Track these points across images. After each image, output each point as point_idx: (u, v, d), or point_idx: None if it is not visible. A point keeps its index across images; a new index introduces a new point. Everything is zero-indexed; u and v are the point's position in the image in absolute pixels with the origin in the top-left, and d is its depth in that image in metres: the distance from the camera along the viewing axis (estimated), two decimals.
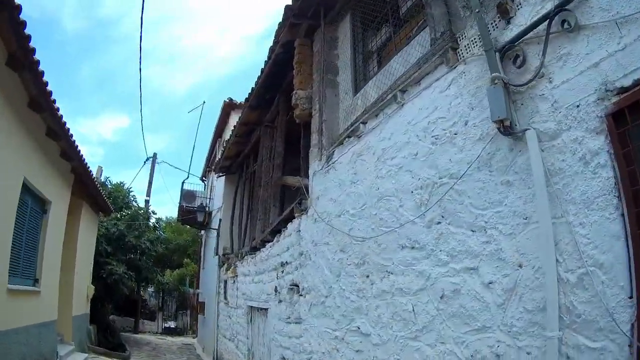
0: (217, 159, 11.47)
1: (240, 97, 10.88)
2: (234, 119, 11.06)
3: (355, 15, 3.94)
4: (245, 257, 7.86)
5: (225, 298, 9.29)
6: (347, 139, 3.27)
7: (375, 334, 2.55)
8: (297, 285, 4.29)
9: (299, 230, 4.29)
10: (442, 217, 2.15)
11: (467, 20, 2.22)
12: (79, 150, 6.54)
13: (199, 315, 14.43)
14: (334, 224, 3.22)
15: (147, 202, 17.66)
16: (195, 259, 20.50)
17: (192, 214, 13.16)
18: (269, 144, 7.63)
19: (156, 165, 18.91)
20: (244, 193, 9.52)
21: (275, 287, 5.20)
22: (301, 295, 4.08)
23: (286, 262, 4.72)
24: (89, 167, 7.50)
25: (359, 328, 2.71)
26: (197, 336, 15.45)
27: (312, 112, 4.38)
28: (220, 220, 11.02)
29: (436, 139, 2.27)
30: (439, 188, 2.21)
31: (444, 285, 2.12)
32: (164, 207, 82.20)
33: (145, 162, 18.29)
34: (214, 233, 11.36)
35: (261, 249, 6.54)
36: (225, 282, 9.46)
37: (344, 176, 3.42)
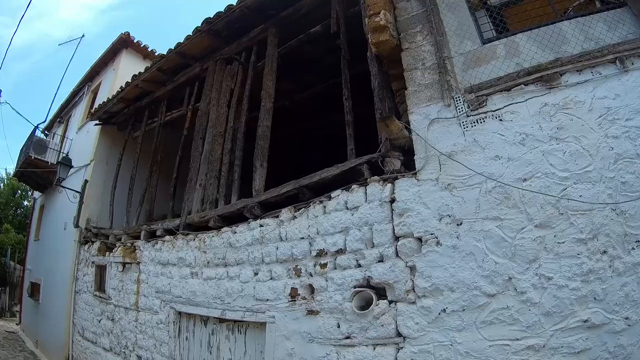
0: (94, 105, 7.85)
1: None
2: (125, 62, 8.15)
3: None
4: (165, 238, 4.76)
5: (102, 290, 6.00)
6: (519, 87, 2.45)
7: (620, 318, 1.98)
8: (373, 287, 2.63)
9: (393, 201, 2.68)
10: None
11: None
12: None
13: (27, 298, 9.73)
14: (511, 190, 2.26)
15: None
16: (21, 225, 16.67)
17: (39, 167, 8.43)
18: (229, 83, 4.87)
19: None
20: (139, 152, 6.41)
21: (311, 286, 2.98)
22: (392, 301, 2.52)
23: (341, 249, 2.87)
24: None
25: (585, 321, 2.02)
26: (20, 323, 11.24)
27: (403, 44, 3.02)
28: (85, 182, 7.20)
29: None
30: None
31: None
32: None
33: None
34: (64, 198, 7.32)
35: (222, 229, 3.95)
36: (102, 268, 6.13)
37: (528, 129, 2.35)
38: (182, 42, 5.46)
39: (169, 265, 4.79)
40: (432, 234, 2.53)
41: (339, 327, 2.82)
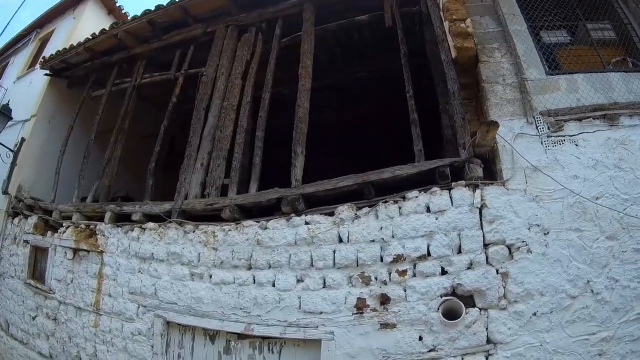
0: (41, 55, 6.46)
1: None
2: (90, 13, 6.84)
3: None
4: (148, 225, 3.73)
5: (39, 280, 4.55)
6: (588, 119, 2.75)
7: None
8: (458, 295, 2.55)
9: (483, 207, 2.65)
10: None
11: None
12: None
13: None
14: (588, 206, 2.54)
15: None
16: None
17: None
18: (245, 53, 4.11)
19: None
20: (100, 114, 5.06)
21: (384, 295, 2.64)
22: (482, 309, 2.51)
23: (424, 254, 2.65)
24: None
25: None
26: None
27: (481, 56, 3.06)
28: (22, 140, 5.54)
29: None
30: None
31: None
32: None
33: None
34: None
35: (242, 222, 3.25)
36: (40, 250, 4.75)
37: (598, 156, 2.68)
38: None
39: (154, 261, 3.61)
40: (523, 242, 2.57)
41: (421, 339, 2.58)
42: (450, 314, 2.58)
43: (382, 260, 2.81)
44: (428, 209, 2.82)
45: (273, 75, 3.85)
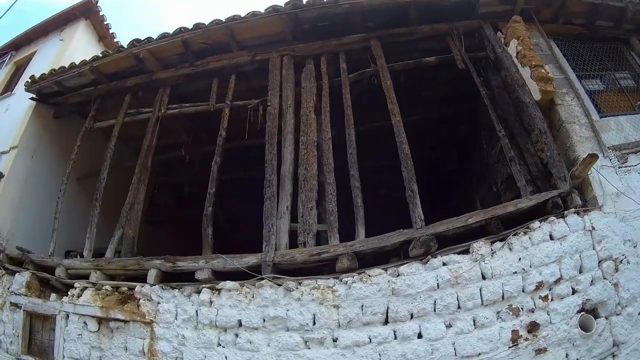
0: (18, 81, 5.59)
1: None
2: (81, 36, 6.08)
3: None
4: (226, 285, 3.00)
5: (38, 355, 2.71)
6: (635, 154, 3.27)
7: None
8: (585, 309, 2.78)
9: (592, 230, 2.97)
10: None
11: None
12: None
13: None
14: None
15: None
16: None
17: None
18: (311, 86, 3.74)
19: None
20: (113, 148, 4.21)
21: (533, 323, 2.68)
22: (606, 317, 2.77)
23: (558, 278, 2.82)
24: None
25: None
26: None
27: (555, 100, 3.42)
28: (1, 176, 4.31)
29: None
30: None
31: None
32: None
33: None
34: None
35: (366, 272, 2.86)
36: (38, 318, 3.52)
37: None
38: (238, 15, 3.80)
39: (242, 330, 2.83)
40: (623, 255, 2.90)
41: (567, 356, 2.70)
42: (585, 328, 2.93)
43: (524, 290, 2.92)
44: (551, 237, 3.06)
45: (349, 110, 3.50)
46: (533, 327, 2.70)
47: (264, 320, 2.78)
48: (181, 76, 3.99)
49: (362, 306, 2.74)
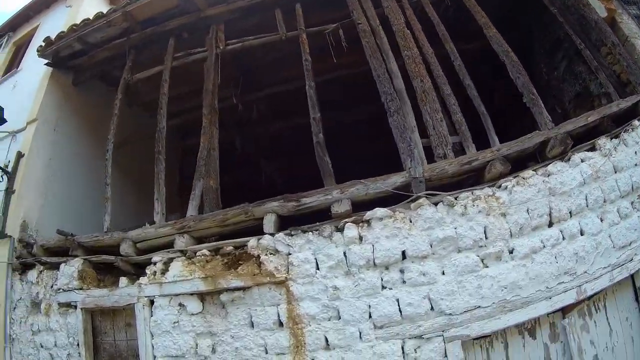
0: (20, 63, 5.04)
1: None
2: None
3: None
4: (377, 213, 2.37)
5: None
6: None
7: None
8: None
9: None
10: None
11: None
12: None
13: None
14: None
15: None
16: None
17: None
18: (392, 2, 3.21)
19: None
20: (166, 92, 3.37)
21: None
22: None
23: None
24: None
25: None
26: None
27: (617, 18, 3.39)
28: (19, 155, 3.74)
29: None
30: None
31: None
32: None
33: None
34: None
35: (520, 175, 2.51)
36: (105, 314, 2.48)
37: None
38: None
39: (408, 263, 2.36)
40: None
41: None
42: None
43: None
44: None
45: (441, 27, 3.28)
46: None
47: (431, 246, 2.32)
48: (234, 10, 3.32)
49: (528, 210, 2.50)
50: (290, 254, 2.28)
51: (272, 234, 2.33)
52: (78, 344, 2.51)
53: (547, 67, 4.29)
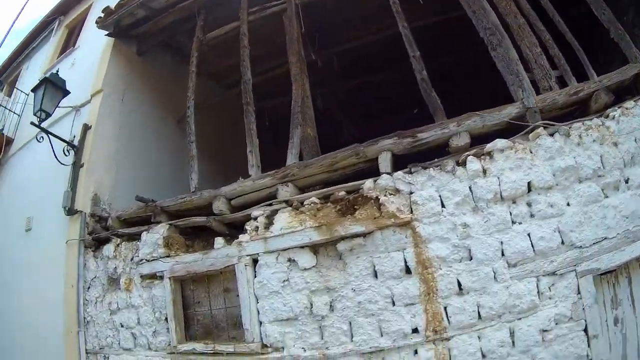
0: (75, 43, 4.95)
1: None
2: None
3: None
4: (497, 144, 2.10)
5: (208, 338, 1.98)
6: None
7: None
8: None
9: None
10: None
11: None
12: None
13: None
14: None
15: None
16: None
17: None
18: None
19: None
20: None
21: None
22: None
23: None
24: None
25: None
26: None
27: None
28: (85, 128, 3.61)
29: None
30: None
31: None
32: None
33: None
34: (21, 170, 4.17)
35: (623, 104, 2.23)
36: (197, 281, 2.18)
37: None
38: None
39: (536, 194, 2.17)
40: None
41: None
42: None
43: None
44: None
45: None
46: None
47: (554, 176, 2.11)
48: None
49: (635, 139, 2.34)
50: (412, 193, 2.00)
51: (389, 173, 2.02)
52: (166, 319, 2.11)
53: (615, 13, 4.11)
